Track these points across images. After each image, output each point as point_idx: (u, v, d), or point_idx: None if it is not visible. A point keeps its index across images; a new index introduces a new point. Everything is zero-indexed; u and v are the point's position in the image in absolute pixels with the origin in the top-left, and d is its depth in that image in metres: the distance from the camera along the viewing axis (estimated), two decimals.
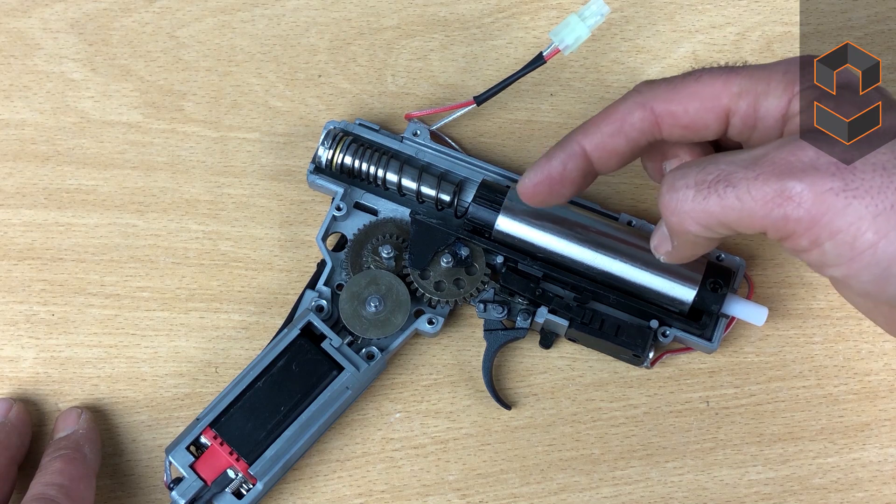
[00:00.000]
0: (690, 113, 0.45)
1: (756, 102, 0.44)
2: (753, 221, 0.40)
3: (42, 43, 0.61)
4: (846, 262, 0.39)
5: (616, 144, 0.47)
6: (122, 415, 0.56)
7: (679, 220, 0.42)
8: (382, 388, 0.56)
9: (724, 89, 0.44)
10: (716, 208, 0.40)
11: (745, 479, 0.55)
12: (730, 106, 0.44)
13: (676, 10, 0.62)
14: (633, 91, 0.47)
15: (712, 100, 0.45)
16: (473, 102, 0.58)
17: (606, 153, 0.47)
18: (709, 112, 0.45)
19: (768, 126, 0.44)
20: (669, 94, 0.45)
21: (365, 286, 0.55)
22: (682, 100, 0.45)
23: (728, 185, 0.39)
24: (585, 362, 0.56)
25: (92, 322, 0.57)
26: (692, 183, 0.41)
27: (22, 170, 0.59)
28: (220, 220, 0.58)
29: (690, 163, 0.42)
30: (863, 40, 0.61)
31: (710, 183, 0.40)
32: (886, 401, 0.56)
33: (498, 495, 0.55)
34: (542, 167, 0.48)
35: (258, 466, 0.51)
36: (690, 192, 0.41)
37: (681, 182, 0.41)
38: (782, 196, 0.38)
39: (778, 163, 0.39)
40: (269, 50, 0.61)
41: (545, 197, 0.49)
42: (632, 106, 0.46)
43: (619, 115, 0.46)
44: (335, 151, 0.56)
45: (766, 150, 0.40)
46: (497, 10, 0.62)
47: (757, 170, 0.39)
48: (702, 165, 0.41)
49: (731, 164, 0.40)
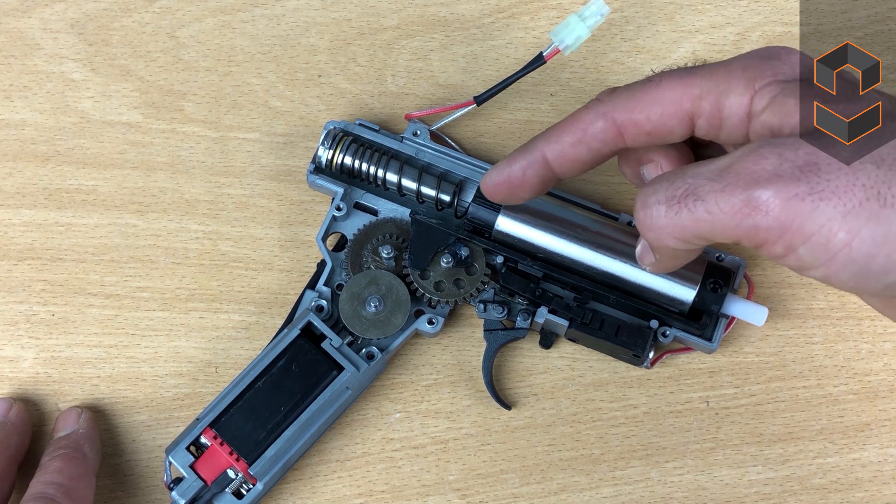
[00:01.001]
0: (653, 120, 0.45)
1: (718, 102, 0.43)
2: (726, 232, 0.40)
3: (42, 43, 0.61)
4: (823, 264, 0.39)
5: (578, 154, 0.46)
6: (122, 415, 0.56)
7: (656, 236, 0.42)
8: (382, 388, 0.56)
9: (684, 93, 0.44)
10: (688, 222, 0.40)
11: (745, 479, 0.55)
12: (692, 109, 0.44)
13: (676, 10, 0.62)
14: (595, 100, 0.46)
15: (673, 104, 0.44)
16: (473, 102, 0.58)
17: (568, 162, 0.47)
18: (671, 118, 0.45)
19: (734, 125, 0.44)
20: (630, 103, 0.45)
21: (365, 286, 0.55)
22: (644, 108, 0.45)
23: (697, 199, 0.40)
24: (585, 362, 0.56)
25: (92, 322, 0.57)
26: (662, 199, 0.41)
27: (22, 170, 0.59)
28: (220, 220, 0.58)
29: (660, 178, 0.42)
30: (863, 40, 0.61)
31: (679, 198, 0.40)
32: (886, 401, 0.56)
33: (498, 495, 0.55)
34: (503, 169, 0.48)
35: (258, 466, 0.51)
36: (662, 207, 0.41)
37: (652, 199, 0.42)
38: (749, 206, 0.38)
39: (742, 173, 0.39)
40: (269, 50, 0.61)
41: (503, 198, 0.49)
42: (593, 116, 0.46)
43: (581, 126, 0.46)
44: (335, 151, 0.56)
45: (730, 161, 0.40)
46: (497, 10, 0.62)
47: (723, 181, 0.39)
48: (671, 180, 0.41)
49: (698, 177, 0.40)
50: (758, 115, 0.42)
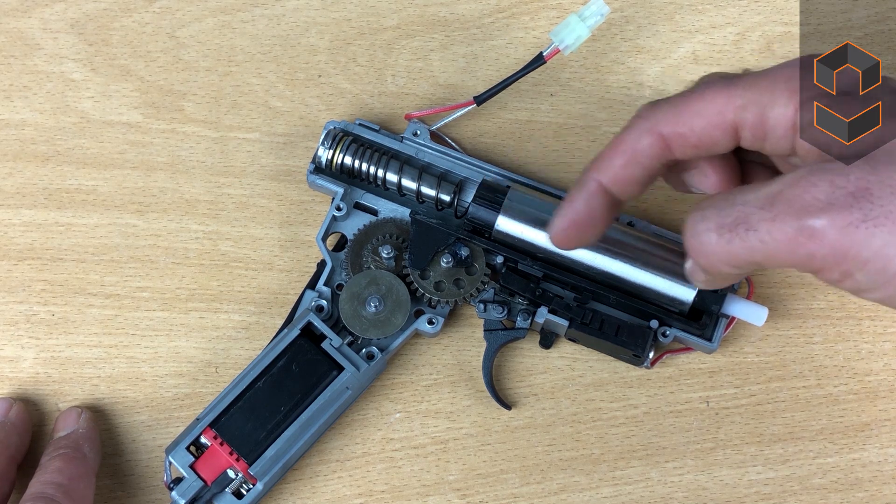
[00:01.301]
0: (697, 132, 0.44)
1: (763, 113, 0.43)
2: (779, 260, 0.40)
3: (42, 43, 0.61)
4: (881, 287, 0.39)
5: (632, 174, 0.46)
6: (122, 415, 0.56)
7: (707, 262, 0.42)
8: (382, 388, 0.56)
9: (727, 104, 0.43)
10: (740, 251, 0.40)
11: (745, 479, 0.55)
12: (736, 120, 0.44)
13: (676, 10, 0.62)
14: (638, 117, 0.46)
15: (717, 116, 0.44)
16: (473, 102, 0.58)
17: (625, 184, 0.46)
18: (716, 129, 0.44)
19: (779, 136, 0.43)
20: (673, 116, 0.45)
21: (365, 286, 0.55)
22: (687, 120, 0.44)
23: (748, 228, 0.40)
24: (585, 362, 0.56)
25: (92, 322, 0.57)
26: (713, 227, 0.41)
27: (22, 170, 0.59)
28: (220, 220, 0.58)
29: (709, 203, 0.42)
30: (863, 40, 0.61)
31: (730, 226, 0.40)
32: (886, 401, 0.56)
33: (498, 495, 0.55)
34: (566, 212, 0.47)
35: (258, 466, 0.51)
36: (713, 235, 0.41)
37: (702, 226, 0.41)
38: (803, 235, 0.38)
39: (794, 201, 0.39)
40: (269, 50, 0.61)
41: (578, 240, 0.48)
42: (639, 133, 0.45)
43: (629, 145, 0.45)
44: (335, 151, 0.56)
45: (780, 187, 0.40)
46: (497, 10, 0.62)
47: (774, 210, 0.39)
48: (719, 207, 0.41)
49: (748, 205, 0.40)
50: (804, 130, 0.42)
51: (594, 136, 0.60)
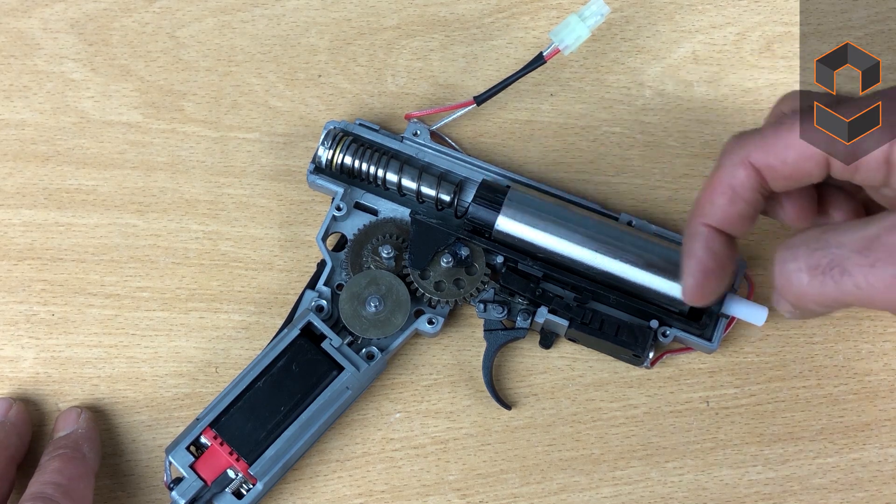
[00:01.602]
0: (789, 164, 0.43)
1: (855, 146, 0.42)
2: (875, 304, 0.40)
3: (42, 43, 0.61)
4: None
5: (738, 210, 0.45)
6: (122, 415, 0.56)
7: (797, 301, 0.42)
8: (382, 388, 0.56)
9: None
10: (833, 293, 0.40)
11: (745, 479, 0.55)
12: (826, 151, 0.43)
13: (676, 10, 0.62)
14: (726, 153, 0.45)
15: (808, 147, 0.43)
16: (473, 102, 0.58)
17: (733, 221, 0.45)
18: (808, 161, 0.43)
19: (871, 168, 0.42)
20: (764, 149, 0.44)
21: (365, 286, 0.55)
22: (779, 152, 0.43)
23: (843, 273, 0.39)
24: (585, 362, 0.56)
25: (92, 322, 0.57)
26: (804, 267, 0.41)
27: (22, 170, 0.59)
28: (220, 220, 0.58)
29: (799, 241, 0.41)
30: (863, 40, 0.61)
31: (823, 269, 0.40)
32: (886, 401, 0.56)
33: (498, 495, 0.55)
34: (692, 267, 0.46)
35: (258, 466, 0.51)
36: (804, 276, 0.41)
37: (792, 266, 0.41)
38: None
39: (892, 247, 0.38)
40: (269, 50, 0.61)
41: (714, 291, 0.47)
42: (732, 168, 0.44)
43: (726, 182, 0.45)
44: (335, 151, 0.56)
45: (877, 231, 0.39)
46: (497, 10, 0.62)
47: (871, 256, 0.39)
48: (811, 247, 0.41)
49: (842, 248, 0.40)
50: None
51: (594, 136, 0.60)
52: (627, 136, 0.60)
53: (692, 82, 0.60)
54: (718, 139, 0.59)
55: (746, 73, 0.60)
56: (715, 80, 0.60)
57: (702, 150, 0.59)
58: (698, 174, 0.59)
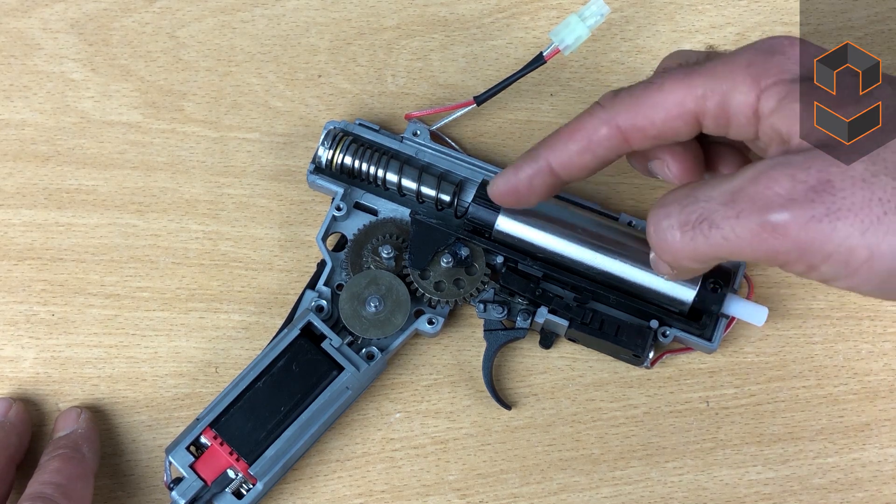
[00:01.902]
0: (658, 124, 0.44)
1: (724, 101, 0.43)
2: (744, 255, 0.40)
3: (42, 43, 0.61)
4: (845, 278, 0.39)
5: (584, 161, 0.46)
6: (122, 415, 0.56)
7: (672, 258, 0.42)
8: (382, 388, 0.56)
9: (687, 94, 0.43)
10: (704, 247, 0.40)
11: (745, 479, 0.55)
12: (697, 109, 0.43)
13: (676, 10, 0.62)
14: (597, 105, 0.46)
15: (677, 107, 0.43)
16: (473, 102, 0.58)
17: (574, 169, 0.46)
18: (676, 119, 0.44)
19: (741, 123, 0.43)
20: (633, 108, 0.44)
21: (365, 286, 0.55)
22: (647, 112, 0.44)
23: (711, 226, 0.40)
24: (585, 362, 0.56)
25: (92, 322, 0.57)
26: (676, 223, 0.41)
27: (22, 170, 0.59)
28: (220, 220, 0.59)
29: (671, 199, 0.42)
30: (863, 40, 0.61)
31: (693, 223, 0.40)
32: (886, 401, 0.56)
33: (498, 495, 0.55)
34: (509, 178, 0.48)
35: (258, 466, 0.51)
36: (677, 233, 0.41)
37: (665, 223, 0.42)
38: (766, 231, 0.38)
39: (756, 198, 0.38)
40: (269, 50, 0.61)
41: (512, 204, 0.49)
42: (597, 123, 0.45)
43: (586, 133, 0.45)
44: (335, 151, 0.56)
45: (741, 183, 0.39)
46: (497, 10, 0.62)
47: (737, 207, 0.39)
48: (682, 203, 0.41)
49: (711, 202, 0.40)
50: (766, 118, 0.42)
51: None
52: None
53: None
54: None
55: None
56: None
57: None
58: None
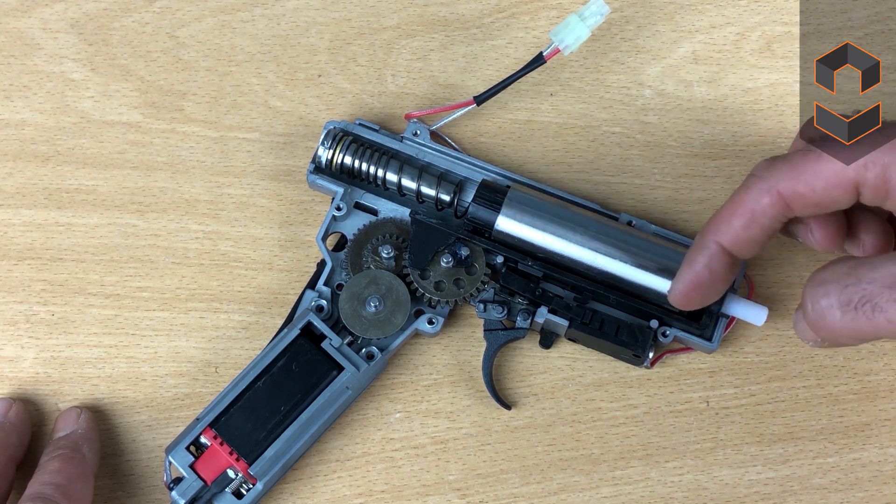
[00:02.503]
0: (818, 192, 0.44)
1: (885, 174, 0.43)
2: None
3: (42, 43, 0.61)
4: None
5: (752, 235, 0.46)
6: (122, 415, 0.56)
7: (830, 335, 0.43)
8: (382, 388, 0.56)
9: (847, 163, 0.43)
10: (866, 328, 0.41)
11: (745, 479, 0.55)
12: (857, 179, 0.43)
13: (676, 10, 0.62)
14: (754, 177, 0.46)
15: (837, 175, 0.43)
16: (473, 102, 0.58)
17: (745, 245, 0.46)
18: (836, 188, 0.44)
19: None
20: (793, 176, 0.44)
21: (365, 286, 0.55)
22: (808, 180, 0.44)
23: (876, 309, 0.40)
24: (585, 362, 0.56)
25: (92, 322, 0.57)
26: (836, 304, 0.42)
27: (22, 170, 0.59)
28: (220, 220, 0.58)
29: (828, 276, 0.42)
30: (863, 40, 0.61)
31: (855, 305, 0.41)
32: (886, 401, 0.56)
33: (498, 495, 0.55)
34: (688, 275, 0.48)
35: (258, 466, 0.51)
36: (837, 312, 0.42)
37: (825, 302, 0.42)
38: None
39: None
40: (269, 50, 0.61)
41: (700, 301, 0.49)
42: (758, 194, 0.45)
43: (748, 206, 0.46)
44: (335, 151, 0.56)
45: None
46: (497, 10, 0.62)
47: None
48: (842, 283, 0.41)
49: (874, 284, 0.40)
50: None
51: (594, 136, 0.60)
52: (627, 136, 0.60)
53: (692, 82, 0.60)
54: (718, 139, 0.59)
55: (746, 73, 0.60)
56: (715, 80, 0.60)
57: (702, 150, 0.59)
58: (698, 174, 0.59)
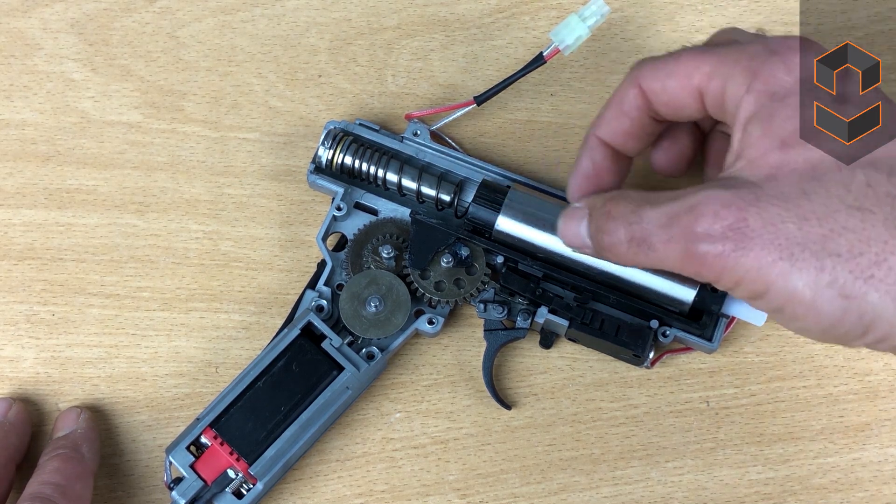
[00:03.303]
0: (668, 91, 0.47)
1: (723, 85, 0.45)
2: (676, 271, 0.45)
3: (42, 43, 0.61)
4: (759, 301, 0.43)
5: (622, 125, 0.50)
6: (122, 415, 0.56)
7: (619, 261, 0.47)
8: (382, 388, 0.56)
9: (696, 69, 0.46)
10: (645, 261, 0.45)
11: (745, 479, 0.55)
12: (700, 86, 0.46)
13: (676, 10, 0.62)
14: (629, 71, 0.49)
15: (685, 78, 0.46)
16: (473, 102, 0.58)
17: (619, 136, 0.50)
18: (683, 90, 0.47)
19: (731, 112, 0.45)
20: (653, 72, 0.48)
21: (365, 286, 0.55)
22: (662, 77, 0.47)
23: (650, 248, 0.44)
24: (585, 362, 0.56)
25: (92, 322, 0.57)
26: (623, 238, 0.45)
27: (22, 170, 0.59)
28: (220, 220, 0.59)
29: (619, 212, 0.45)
30: (863, 40, 0.61)
31: (637, 241, 0.45)
32: (886, 401, 0.56)
33: (498, 495, 0.55)
34: (575, 171, 0.51)
35: (258, 466, 0.51)
36: (623, 247, 0.45)
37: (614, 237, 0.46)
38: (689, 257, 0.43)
39: (685, 228, 0.43)
40: (269, 50, 0.61)
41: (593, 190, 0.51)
42: (626, 86, 0.49)
43: (618, 97, 0.49)
44: (335, 151, 0.56)
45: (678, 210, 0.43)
46: (497, 10, 0.62)
47: (669, 232, 0.43)
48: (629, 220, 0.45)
49: (651, 223, 0.44)
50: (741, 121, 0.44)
51: None
52: None
53: None
54: None
55: None
56: None
57: None
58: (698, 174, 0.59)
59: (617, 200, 0.46)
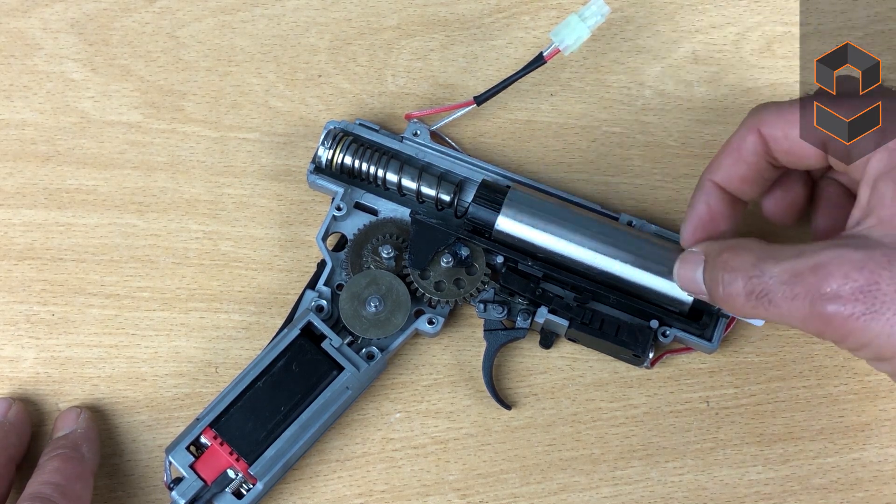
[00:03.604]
0: (790, 140, 0.46)
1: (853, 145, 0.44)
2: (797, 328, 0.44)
3: (42, 43, 0.61)
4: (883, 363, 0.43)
5: (739, 171, 0.49)
6: (122, 415, 0.56)
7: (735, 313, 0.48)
8: (382, 388, 0.56)
9: None
10: (765, 315, 0.44)
11: (745, 479, 0.55)
12: (825, 138, 0.45)
13: (676, 10, 0.62)
14: (748, 115, 0.48)
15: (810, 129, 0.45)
16: (473, 102, 0.58)
17: (735, 181, 0.49)
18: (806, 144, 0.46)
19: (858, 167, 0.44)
20: (774, 118, 0.47)
21: (365, 286, 0.55)
22: (784, 125, 0.46)
23: (771, 303, 0.43)
24: (585, 362, 0.56)
25: (92, 322, 0.57)
26: (741, 291, 0.44)
27: (22, 170, 0.59)
28: (220, 220, 0.58)
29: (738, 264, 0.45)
30: (863, 40, 0.61)
31: (756, 295, 0.44)
32: (886, 401, 0.56)
33: (498, 495, 0.55)
34: (689, 215, 0.50)
35: (258, 466, 0.51)
36: (741, 299, 0.45)
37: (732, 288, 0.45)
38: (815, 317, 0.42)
39: (811, 287, 0.42)
40: (269, 50, 0.61)
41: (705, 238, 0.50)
42: (745, 132, 0.48)
43: (736, 143, 0.48)
44: (335, 151, 0.56)
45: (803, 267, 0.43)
46: (497, 10, 0.62)
47: (794, 291, 0.43)
48: (748, 273, 0.44)
49: (773, 279, 0.43)
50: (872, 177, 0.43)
51: (594, 136, 0.60)
52: (627, 136, 0.60)
53: (692, 82, 0.60)
54: (718, 139, 0.59)
55: (746, 73, 0.60)
56: (715, 80, 0.60)
57: (702, 150, 0.59)
58: (698, 174, 0.59)
59: (736, 251, 0.46)
